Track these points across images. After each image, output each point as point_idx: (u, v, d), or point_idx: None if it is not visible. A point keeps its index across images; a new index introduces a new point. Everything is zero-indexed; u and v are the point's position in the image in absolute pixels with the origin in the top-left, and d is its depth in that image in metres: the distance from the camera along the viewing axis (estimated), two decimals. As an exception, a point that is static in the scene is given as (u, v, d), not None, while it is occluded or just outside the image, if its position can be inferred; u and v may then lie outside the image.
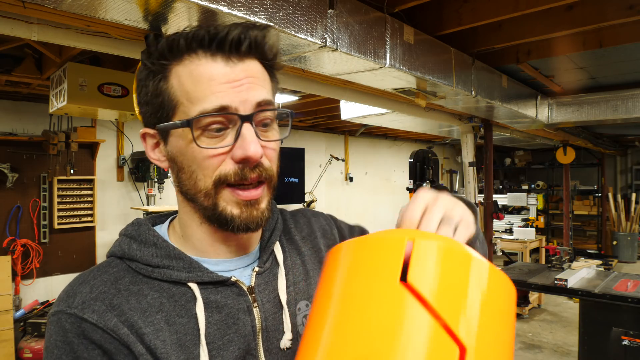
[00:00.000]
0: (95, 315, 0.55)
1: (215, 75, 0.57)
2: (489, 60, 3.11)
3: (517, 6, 2.21)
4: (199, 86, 0.57)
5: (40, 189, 4.14)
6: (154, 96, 0.60)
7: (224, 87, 0.57)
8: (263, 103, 0.59)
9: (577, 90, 4.20)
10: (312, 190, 6.27)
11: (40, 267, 4.11)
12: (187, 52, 0.58)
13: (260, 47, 0.60)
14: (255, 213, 0.60)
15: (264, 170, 0.60)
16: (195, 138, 0.57)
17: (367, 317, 0.40)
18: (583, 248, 8.41)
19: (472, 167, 4.05)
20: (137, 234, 0.64)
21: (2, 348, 3.52)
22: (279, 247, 0.71)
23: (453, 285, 0.41)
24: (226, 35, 0.57)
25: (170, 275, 0.60)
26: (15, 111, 4.02)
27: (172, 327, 0.57)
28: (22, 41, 2.43)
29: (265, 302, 0.64)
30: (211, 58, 0.58)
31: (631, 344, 2.61)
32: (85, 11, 1.42)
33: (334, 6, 1.80)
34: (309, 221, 0.79)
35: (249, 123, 0.57)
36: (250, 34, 0.58)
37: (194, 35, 0.57)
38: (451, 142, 8.73)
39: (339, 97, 3.12)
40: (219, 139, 0.58)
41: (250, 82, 0.58)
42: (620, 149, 8.86)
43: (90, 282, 0.59)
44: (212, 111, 0.56)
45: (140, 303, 0.57)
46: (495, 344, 0.41)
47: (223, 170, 0.58)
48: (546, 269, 3.52)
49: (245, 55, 0.59)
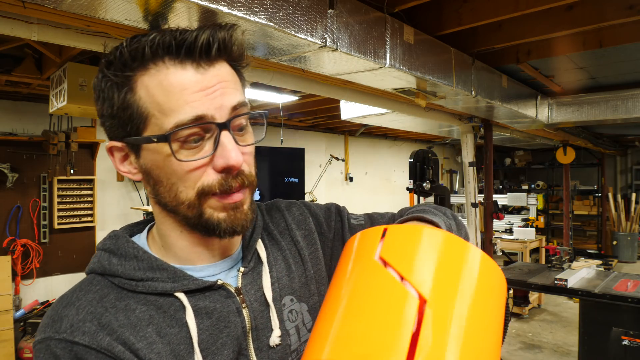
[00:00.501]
0: (86, 337, 0.53)
1: (187, 84, 0.54)
2: (489, 60, 3.11)
3: (517, 6, 2.21)
4: (171, 97, 0.54)
5: (40, 189, 4.14)
6: (121, 109, 0.57)
7: (198, 95, 0.54)
8: (238, 106, 0.58)
9: (577, 90, 4.20)
10: (312, 190, 6.27)
11: (40, 267, 4.11)
12: (152, 60, 0.55)
13: (228, 48, 0.58)
14: (240, 215, 0.60)
15: (246, 177, 0.59)
16: (175, 152, 0.55)
17: (353, 288, 0.50)
18: (583, 248, 8.41)
19: (472, 167, 4.05)
20: (116, 247, 0.62)
21: (2, 348, 3.52)
22: (261, 245, 0.70)
23: (417, 254, 0.50)
24: (195, 40, 0.54)
25: (155, 287, 0.59)
26: (15, 111, 4.02)
27: (164, 338, 0.56)
28: (22, 41, 2.43)
29: (253, 301, 0.64)
30: (180, 65, 0.55)
31: (631, 344, 2.61)
32: (85, 11, 1.42)
33: (334, 6, 1.80)
34: (283, 214, 0.78)
35: (226, 130, 0.56)
36: (218, 37, 0.56)
37: (160, 42, 0.54)
38: (451, 142, 8.73)
39: (339, 97, 3.12)
40: (197, 150, 0.56)
41: (222, 87, 0.56)
42: (620, 149, 8.86)
43: (75, 304, 0.56)
44: (189, 122, 0.54)
45: (129, 318, 0.56)
46: (456, 299, 0.46)
47: (206, 182, 0.57)
48: (546, 269, 3.52)
49: (214, 60, 0.57)
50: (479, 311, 0.47)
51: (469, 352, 0.44)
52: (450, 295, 0.46)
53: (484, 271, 0.50)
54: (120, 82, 0.56)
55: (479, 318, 0.47)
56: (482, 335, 0.46)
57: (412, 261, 0.48)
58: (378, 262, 0.50)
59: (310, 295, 0.71)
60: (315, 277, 0.73)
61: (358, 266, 0.52)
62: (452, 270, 0.48)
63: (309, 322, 0.69)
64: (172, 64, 0.55)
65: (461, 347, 0.43)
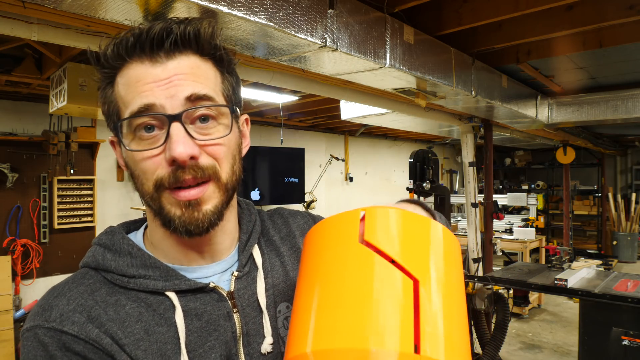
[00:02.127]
0: (75, 327, 0.53)
1: (142, 76, 0.56)
2: (489, 60, 3.11)
3: (517, 6, 2.21)
4: (128, 89, 0.56)
5: (40, 189, 4.14)
6: (104, 104, 0.60)
7: (149, 86, 0.55)
8: (193, 97, 0.56)
9: (577, 90, 4.20)
10: (312, 190, 6.27)
11: (40, 267, 4.11)
12: (126, 57, 0.57)
13: (194, 40, 0.57)
14: (197, 215, 0.57)
15: (201, 170, 0.57)
16: (127, 142, 0.57)
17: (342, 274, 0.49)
18: (583, 248, 8.41)
19: (472, 167, 4.05)
20: (111, 243, 0.62)
21: (2, 348, 3.52)
22: (257, 250, 0.69)
23: (400, 236, 0.51)
24: (147, 34, 0.55)
25: (146, 285, 0.59)
26: (15, 111, 4.02)
27: (152, 336, 0.56)
28: (22, 41, 2.43)
29: (246, 306, 0.63)
30: (139, 61, 0.56)
31: (631, 344, 2.61)
32: (85, 11, 1.42)
33: (334, 6, 1.80)
34: (287, 221, 0.78)
35: (177, 122, 0.55)
36: (175, 29, 0.56)
37: (122, 42, 0.56)
38: (451, 142, 8.73)
39: (339, 97, 3.12)
40: (151, 141, 0.56)
41: (180, 79, 0.56)
42: (620, 149, 8.86)
43: (66, 295, 0.57)
44: (137, 112, 0.55)
45: (119, 314, 0.56)
46: (437, 276, 0.50)
47: (159, 174, 0.56)
48: (546, 269, 3.52)
49: (173, 52, 0.57)
50: (452, 282, 0.51)
51: (454, 321, 0.49)
52: (433, 272, 0.50)
53: (448, 243, 0.54)
54: (103, 78, 0.60)
55: (454, 288, 0.51)
56: (459, 301, 0.51)
57: (398, 244, 0.51)
58: (364, 246, 0.50)
59: None
60: None
61: (340, 250, 0.51)
62: (428, 249, 0.52)
63: None
64: (135, 60, 0.57)
65: (450, 318, 0.48)
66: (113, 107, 0.59)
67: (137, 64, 0.56)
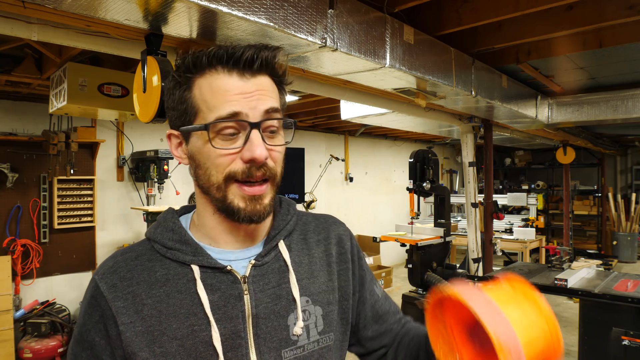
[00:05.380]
0: (105, 285, 0.69)
1: (230, 87, 0.67)
2: (489, 60, 3.11)
3: (517, 6, 2.21)
4: (216, 96, 0.67)
5: (40, 189, 4.14)
6: (179, 103, 0.71)
7: (237, 97, 0.67)
8: (270, 110, 0.69)
9: (577, 90, 4.20)
10: (312, 190, 6.27)
11: (40, 267, 4.11)
12: (208, 67, 0.69)
13: (271, 65, 0.71)
14: (259, 207, 0.70)
15: (268, 170, 0.69)
16: (211, 139, 0.67)
17: None
18: (583, 248, 8.41)
19: (472, 167, 4.05)
20: (164, 220, 0.77)
21: (2, 348, 3.52)
22: (284, 246, 0.78)
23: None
24: (241, 55, 0.67)
25: (178, 256, 0.72)
26: (15, 111, 4.02)
27: (170, 299, 0.69)
28: (22, 41, 2.43)
29: (259, 292, 0.73)
30: (228, 73, 0.68)
31: (631, 344, 2.61)
32: (85, 11, 1.42)
33: (334, 6, 1.80)
34: (329, 228, 0.87)
35: (257, 129, 0.67)
36: (262, 54, 0.69)
37: (215, 54, 0.68)
38: (451, 142, 8.73)
39: (339, 97, 3.11)
40: (231, 142, 0.68)
41: (260, 93, 0.68)
42: (620, 149, 8.86)
43: (117, 257, 0.74)
44: (226, 117, 0.67)
45: (150, 277, 0.70)
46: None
47: (233, 168, 0.68)
48: (546, 269, 3.52)
49: (257, 72, 0.69)
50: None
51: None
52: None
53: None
54: (182, 81, 0.70)
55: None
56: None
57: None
58: None
59: (328, 302, 0.79)
60: (339, 289, 0.82)
61: None
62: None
63: (321, 325, 0.77)
64: (222, 71, 0.68)
65: None
66: (190, 108, 0.70)
67: (224, 75, 0.68)
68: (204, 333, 0.68)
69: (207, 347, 0.67)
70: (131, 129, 4.75)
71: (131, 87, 2.81)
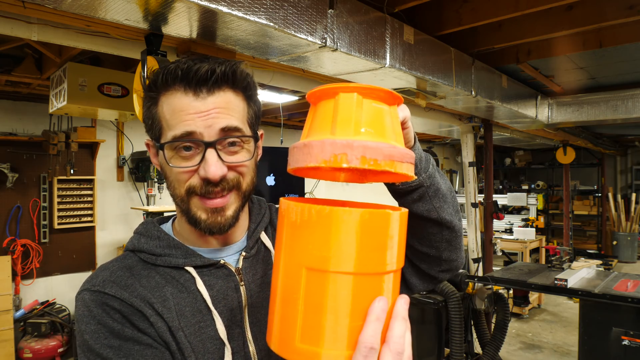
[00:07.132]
0: (113, 289, 0.68)
1: (185, 107, 0.68)
2: (489, 60, 3.11)
3: (517, 6, 2.21)
4: (173, 115, 0.69)
5: (40, 189, 4.14)
6: (148, 117, 0.74)
7: (192, 116, 0.68)
8: (227, 129, 0.69)
9: (577, 90, 4.20)
10: (312, 191, 6.27)
11: (40, 267, 4.11)
12: (167, 85, 0.70)
13: (231, 79, 0.70)
14: (220, 219, 0.72)
15: (227, 183, 0.71)
16: (168, 159, 0.70)
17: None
18: (583, 248, 8.41)
19: (472, 167, 4.05)
20: (145, 230, 0.78)
21: (2, 348, 3.52)
22: (265, 237, 0.83)
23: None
24: (196, 73, 0.67)
25: (170, 261, 0.73)
26: (15, 111, 4.02)
27: (174, 299, 0.70)
28: (22, 41, 2.43)
29: (251, 282, 0.76)
30: (184, 92, 0.68)
31: (631, 344, 2.61)
32: (85, 11, 1.42)
33: (334, 6, 1.80)
34: None
35: (212, 148, 0.68)
36: (218, 70, 0.68)
37: (172, 72, 0.68)
38: (451, 142, 8.73)
39: (339, 97, 3.11)
40: (188, 160, 0.69)
41: (217, 112, 0.68)
42: (620, 149, 8.86)
43: (110, 268, 0.73)
44: (180, 136, 0.68)
45: (150, 282, 0.71)
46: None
47: (192, 183, 0.70)
48: (546, 269, 3.52)
49: (215, 88, 0.69)
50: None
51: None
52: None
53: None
54: (150, 96, 0.73)
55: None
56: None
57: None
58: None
59: None
60: None
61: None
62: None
63: None
64: (180, 89, 0.69)
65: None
66: (156, 123, 0.72)
67: (181, 94, 0.69)
68: (209, 328, 0.70)
69: (214, 342, 0.70)
70: (131, 129, 4.75)
71: (131, 87, 2.81)
